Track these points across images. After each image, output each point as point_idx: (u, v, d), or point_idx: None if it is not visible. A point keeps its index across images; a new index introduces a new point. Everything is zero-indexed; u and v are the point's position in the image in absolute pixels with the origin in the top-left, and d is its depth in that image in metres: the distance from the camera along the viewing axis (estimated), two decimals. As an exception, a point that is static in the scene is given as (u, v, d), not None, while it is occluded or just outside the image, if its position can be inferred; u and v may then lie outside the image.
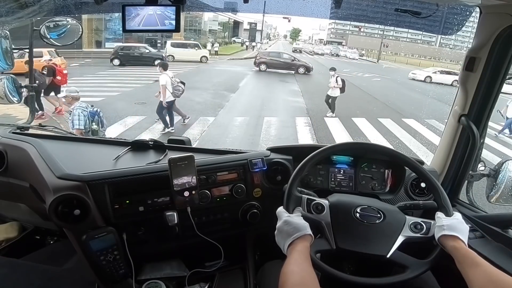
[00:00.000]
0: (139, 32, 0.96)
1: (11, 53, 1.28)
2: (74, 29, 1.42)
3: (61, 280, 1.26)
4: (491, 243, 1.04)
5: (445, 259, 0.86)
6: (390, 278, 0.86)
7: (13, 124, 1.43)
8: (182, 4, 0.93)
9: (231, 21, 32.56)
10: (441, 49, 34.65)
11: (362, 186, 1.25)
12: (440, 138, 1.33)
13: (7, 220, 1.53)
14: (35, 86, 1.47)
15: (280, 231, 0.81)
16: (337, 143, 1.10)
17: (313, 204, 0.93)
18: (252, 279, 1.15)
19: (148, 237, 1.09)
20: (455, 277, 1.08)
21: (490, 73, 1.06)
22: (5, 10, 1.15)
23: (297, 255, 0.73)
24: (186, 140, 1.32)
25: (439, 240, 0.83)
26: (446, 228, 0.83)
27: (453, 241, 0.81)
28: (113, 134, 5.39)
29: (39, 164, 1.06)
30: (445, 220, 0.85)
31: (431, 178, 0.98)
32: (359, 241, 0.89)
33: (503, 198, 1.13)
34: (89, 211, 0.96)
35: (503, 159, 1.17)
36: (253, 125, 6.49)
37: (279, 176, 1.20)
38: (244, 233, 1.24)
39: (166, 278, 1.09)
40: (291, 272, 0.68)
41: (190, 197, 1.04)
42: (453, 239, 0.81)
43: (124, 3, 0.91)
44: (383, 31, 37.07)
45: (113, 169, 1.08)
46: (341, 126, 6.78)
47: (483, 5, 1.03)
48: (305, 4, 1.17)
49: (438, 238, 0.84)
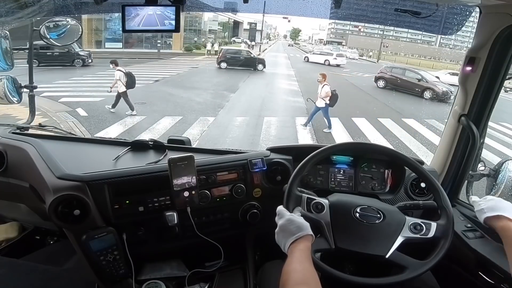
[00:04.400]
0: (139, 32, 0.96)
1: (11, 53, 1.28)
2: (74, 29, 1.41)
3: (61, 280, 1.25)
4: (491, 243, 1.04)
5: (445, 259, 0.87)
6: (389, 278, 0.86)
7: (13, 124, 1.43)
8: (182, 4, 0.93)
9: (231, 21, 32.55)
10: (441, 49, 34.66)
11: (362, 186, 1.25)
12: (440, 138, 1.33)
13: (7, 220, 1.53)
14: (34, 86, 1.47)
15: (282, 229, 0.81)
16: (337, 143, 1.10)
17: (313, 204, 0.93)
18: (252, 279, 1.15)
19: (148, 237, 1.09)
20: (455, 277, 1.08)
21: (490, 73, 1.06)
22: (5, 10, 1.15)
23: (299, 254, 0.73)
24: (186, 140, 1.32)
25: (485, 223, 0.83)
26: (487, 210, 0.82)
27: (499, 221, 0.79)
28: (113, 134, 5.40)
29: (39, 164, 1.06)
30: (482, 203, 0.84)
31: (431, 178, 0.98)
32: (358, 241, 0.89)
33: (503, 198, 1.13)
34: (89, 211, 0.96)
35: (503, 159, 1.17)
36: (253, 125, 6.49)
37: (279, 176, 1.20)
38: (244, 233, 1.24)
39: (166, 278, 1.09)
40: (293, 271, 0.68)
41: (190, 197, 1.04)
42: (499, 219, 0.80)
43: (124, 3, 0.91)
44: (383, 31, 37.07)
45: (113, 169, 1.08)
46: (341, 126, 6.78)
47: (483, 5, 1.03)
48: (305, 4, 1.17)
49: (484, 221, 0.83)
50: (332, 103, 6.30)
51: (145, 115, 6.50)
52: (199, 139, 5.50)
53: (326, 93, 6.22)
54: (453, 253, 0.91)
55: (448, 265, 1.09)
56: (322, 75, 6.48)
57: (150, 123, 6.08)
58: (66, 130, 2.28)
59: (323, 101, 6.26)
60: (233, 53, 15.06)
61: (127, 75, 6.49)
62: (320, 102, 6.31)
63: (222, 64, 14.27)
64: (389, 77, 12.51)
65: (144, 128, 5.86)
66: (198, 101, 8.24)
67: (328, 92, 6.23)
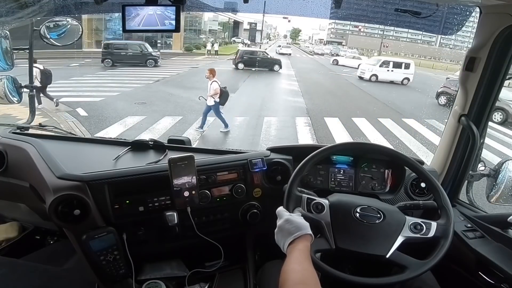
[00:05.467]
0: (139, 32, 0.96)
1: (11, 53, 1.28)
2: (74, 29, 1.42)
3: (61, 280, 1.25)
4: (491, 243, 1.04)
5: (445, 259, 0.86)
6: (389, 278, 0.86)
7: (13, 124, 1.43)
8: (182, 4, 0.94)
9: (231, 21, 32.53)
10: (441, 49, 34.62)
11: (362, 186, 1.25)
12: (440, 138, 1.33)
13: (7, 220, 1.53)
14: (35, 86, 1.47)
15: (281, 229, 0.81)
16: (337, 143, 1.10)
17: (313, 204, 0.93)
18: (252, 279, 1.15)
19: (148, 237, 1.09)
20: (455, 277, 1.08)
21: (490, 73, 1.06)
22: (5, 10, 1.15)
23: (298, 253, 0.73)
24: (186, 140, 1.32)
25: None
26: None
27: None
28: (113, 134, 5.40)
29: (39, 164, 1.06)
30: None
31: (431, 178, 0.98)
32: (358, 241, 0.89)
33: (503, 198, 1.13)
34: (89, 211, 0.96)
35: (503, 159, 1.17)
36: (253, 125, 6.50)
37: (279, 176, 1.20)
38: (244, 233, 1.24)
39: (166, 278, 1.09)
40: (292, 270, 0.68)
41: (190, 197, 1.04)
42: None
43: (124, 3, 0.91)
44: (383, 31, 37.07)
45: (113, 169, 1.08)
46: (341, 126, 6.78)
47: (483, 5, 1.03)
48: (305, 4, 1.17)
49: None
50: (222, 101, 5.85)
51: (145, 115, 6.50)
52: (199, 139, 5.50)
53: (214, 90, 5.71)
54: (453, 253, 0.91)
55: (448, 265, 1.09)
56: (209, 71, 5.89)
57: (150, 123, 6.09)
58: (66, 130, 2.28)
59: (212, 99, 5.76)
60: (249, 54, 15.11)
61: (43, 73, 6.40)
62: (210, 101, 5.79)
63: (240, 65, 14.18)
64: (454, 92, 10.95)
65: (144, 128, 5.86)
66: (198, 101, 8.24)
67: (217, 89, 5.72)
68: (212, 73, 5.85)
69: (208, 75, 5.88)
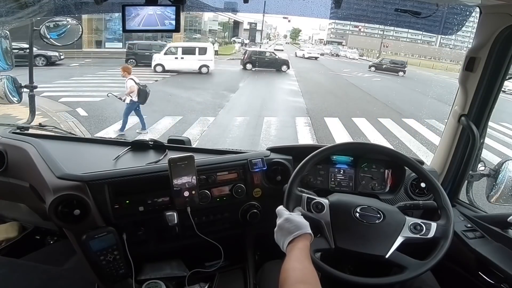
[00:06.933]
0: (139, 32, 0.96)
1: (11, 53, 1.28)
2: (74, 29, 1.42)
3: (61, 280, 1.25)
4: (491, 243, 1.05)
5: (445, 259, 0.86)
6: (389, 278, 0.86)
7: (13, 124, 1.43)
8: (182, 4, 0.94)
9: (231, 21, 32.50)
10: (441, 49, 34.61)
11: (362, 186, 1.25)
12: (440, 138, 1.33)
13: (7, 220, 1.53)
14: (35, 86, 1.47)
15: (280, 228, 0.81)
16: (337, 143, 1.10)
17: (313, 203, 0.93)
18: (252, 279, 1.15)
19: (148, 237, 1.09)
20: (455, 277, 1.08)
21: (490, 73, 1.06)
22: (5, 10, 1.15)
23: (298, 252, 0.73)
24: (186, 140, 1.32)
25: None
26: None
27: None
28: (113, 134, 5.39)
29: (39, 164, 1.06)
30: None
31: (431, 178, 0.98)
32: (358, 241, 0.89)
33: (503, 198, 1.13)
34: (89, 211, 0.96)
35: (503, 159, 1.17)
36: (253, 125, 6.49)
37: (279, 176, 1.20)
38: (244, 233, 1.24)
39: (166, 278, 1.09)
40: (293, 269, 0.68)
41: (190, 197, 1.04)
42: None
43: (124, 3, 0.91)
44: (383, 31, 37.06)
45: (113, 169, 1.08)
46: (341, 126, 6.78)
47: (483, 5, 1.03)
48: (305, 4, 1.17)
49: None
50: (141, 100, 5.42)
51: (145, 115, 6.50)
52: (199, 139, 5.50)
53: (130, 88, 5.31)
54: (453, 253, 0.91)
55: (448, 265, 1.09)
56: (123, 69, 5.52)
57: (150, 123, 6.08)
58: (66, 130, 2.28)
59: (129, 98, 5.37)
60: (258, 55, 15.06)
61: None
62: (127, 99, 5.40)
63: (248, 66, 14.10)
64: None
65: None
66: (198, 101, 8.24)
67: (133, 87, 5.29)
68: (126, 71, 5.48)
69: (123, 73, 5.48)
